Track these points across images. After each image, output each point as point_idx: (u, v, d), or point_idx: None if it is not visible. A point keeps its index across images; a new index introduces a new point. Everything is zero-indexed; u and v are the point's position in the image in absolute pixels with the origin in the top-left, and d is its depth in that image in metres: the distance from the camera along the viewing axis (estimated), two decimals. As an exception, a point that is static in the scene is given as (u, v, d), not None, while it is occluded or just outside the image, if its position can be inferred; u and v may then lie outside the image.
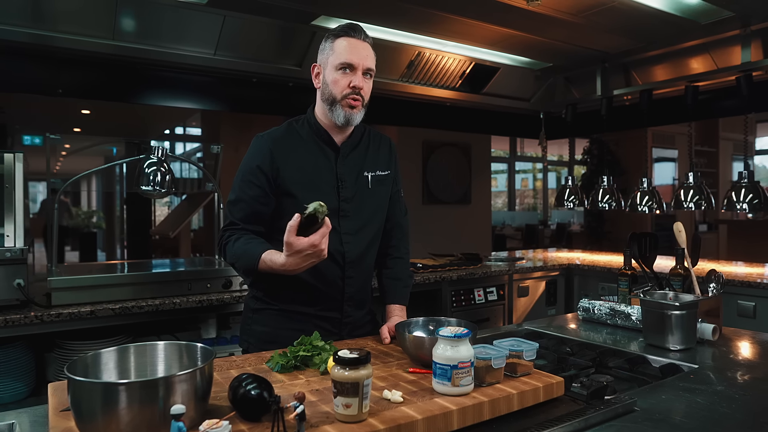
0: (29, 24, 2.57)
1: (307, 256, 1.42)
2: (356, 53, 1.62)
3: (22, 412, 1.21)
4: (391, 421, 1.03)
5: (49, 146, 2.69)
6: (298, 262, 1.43)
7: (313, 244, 1.39)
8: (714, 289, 1.98)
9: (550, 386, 1.24)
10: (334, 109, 1.65)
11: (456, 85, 3.87)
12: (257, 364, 1.44)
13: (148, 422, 0.95)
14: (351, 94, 1.63)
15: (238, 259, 1.60)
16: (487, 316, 3.51)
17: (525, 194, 12.94)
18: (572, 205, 4.20)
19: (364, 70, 1.64)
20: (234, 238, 1.62)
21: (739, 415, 1.22)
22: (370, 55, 1.66)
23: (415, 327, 1.51)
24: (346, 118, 1.65)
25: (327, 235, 1.41)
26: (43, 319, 2.12)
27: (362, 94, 1.64)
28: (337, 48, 1.63)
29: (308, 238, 1.39)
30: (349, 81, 1.62)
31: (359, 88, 1.63)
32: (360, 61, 1.63)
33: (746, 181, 3.23)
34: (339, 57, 1.62)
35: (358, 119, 1.68)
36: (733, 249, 8.05)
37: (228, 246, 1.63)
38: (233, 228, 1.65)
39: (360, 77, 1.63)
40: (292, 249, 1.40)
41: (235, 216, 1.65)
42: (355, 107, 1.65)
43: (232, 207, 1.66)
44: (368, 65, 1.65)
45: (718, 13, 2.93)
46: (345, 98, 1.63)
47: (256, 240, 1.61)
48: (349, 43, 1.63)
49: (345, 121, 1.65)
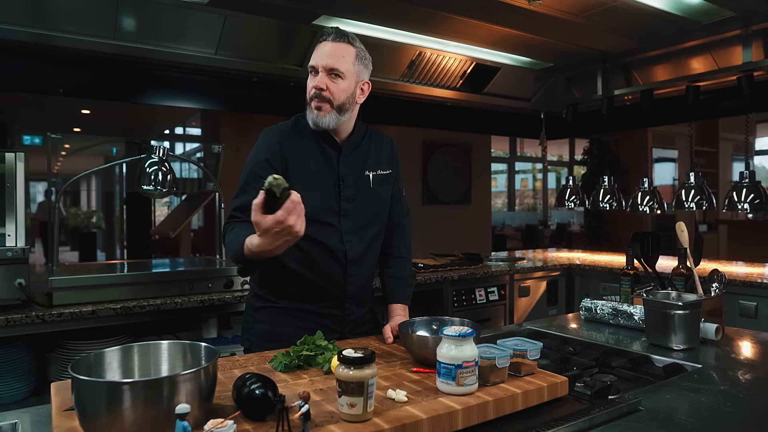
0: (30, 23, 2.57)
1: (276, 234, 1.32)
2: (319, 55, 1.62)
3: (24, 412, 1.20)
4: (395, 421, 1.03)
5: (50, 146, 2.68)
6: (270, 241, 1.34)
7: (278, 221, 1.29)
8: (716, 288, 1.98)
9: (554, 386, 1.23)
10: (308, 112, 1.66)
11: (457, 85, 3.87)
12: (260, 363, 1.44)
13: (152, 422, 0.94)
14: (314, 96, 1.62)
15: (228, 246, 1.58)
16: (489, 316, 3.51)
17: (525, 194, 12.95)
18: (573, 205, 4.20)
19: (327, 70, 1.61)
20: (231, 227, 1.61)
21: (744, 414, 1.21)
22: (335, 54, 1.61)
23: (418, 326, 1.50)
24: (313, 120, 1.65)
25: (295, 211, 1.30)
26: (45, 319, 2.12)
27: (326, 95, 1.61)
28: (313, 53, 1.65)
29: (273, 216, 1.29)
30: (314, 84, 1.62)
31: (318, 88, 1.61)
32: (319, 62, 1.61)
33: (747, 181, 3.23)
34: (310, 61, 1.64)
35: (327, 122, 1.64)
36: (733, 249, 8.05)
37: (226, 236, 1.62)
38: (234, 219, 1.65)
39: (321, 77, 1.61)
40: (260, 228, 1.32)
41: (240, 209, 1.64)
42: (321, 108, 1.62)
43: (237, 199, 1.66)
44: (330, 64, 1.61)
45: (719, 13, 2.93)
46: (311, 101, 1.64)
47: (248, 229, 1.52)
48: (319, 46, 1.64)
49: (313, 124, 1.65)
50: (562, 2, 2.74)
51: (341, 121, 1.67)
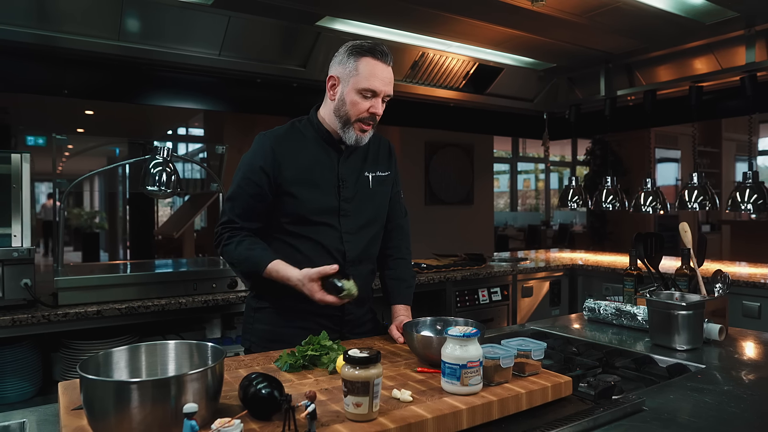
0: (34, 24, 2.58)
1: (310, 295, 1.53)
2: (381, 80, 1.61)
3: (31, 411, 1.21)
4: (401, 420, 1.04)
5: (55, 147, 2.69)
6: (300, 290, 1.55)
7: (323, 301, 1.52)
8: (720, 289, 1.98)
9: (558, 386, 1.24)
10: (347, 129, 1.65)
11: (459, 86, 3.87)
12: (265, 363, 1.45)
13: (160, 421, 0.95)
14: (368, 119, 1.64)
15: (241, 262, 1.65)
16: (492, 317, 3.51)
17: (527, 195, 12.95)
18: (576, 206, 4.20)
19: (384, 96, 1.64)
20: (237, 240, 1.65)
21: (747, 414, 1.22)
22: (392, 81, 1.65)
23: (422, 327, 1.51)
24: (356, 140, 1.66)
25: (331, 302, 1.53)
26: (50, 319, 2.13)
27: (376, 118, 1.66)
28: (362, 70, 1.60)
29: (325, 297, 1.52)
30: (369, 106, 1.62)
31: (378, 114, 1.64)
32: (384, 88, 1.62)
33: (750, 182, 3.23)
34: (363, 81, 1.59)
35: (366, 140, 1.69)
36: (736, 249, 8.05)
37: (229, 247, 1.66)
38: (232, 226, 1.68)
39: (380, 104, 1.63)
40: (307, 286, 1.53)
41: (234, 212, 1.68)
42: (367, 131, 1.66)
43: (231, 203, 1.69)
44: (390, 92, 1.65)
45: (722, 13, 2.93)
46: (360, 121, 1.64)
47: (259, 245, 1.65)
48: (376, 67, 1.60)
49: (355, 142, 1.67)
50: (564, 3, 2.75)
51: None
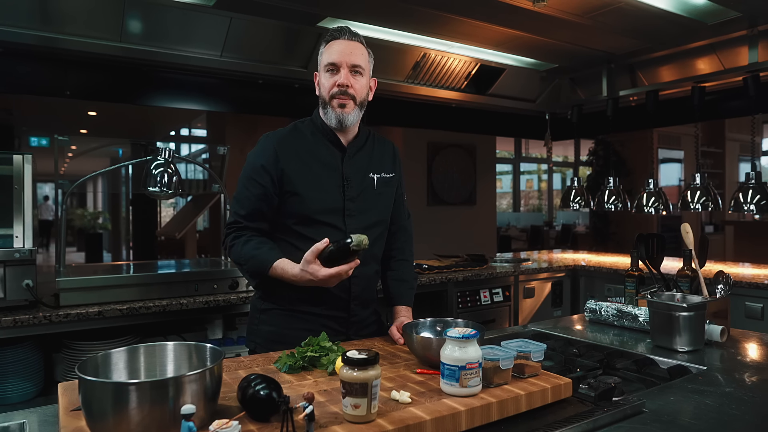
0: (37, 26, 2.59)
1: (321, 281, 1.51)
2: (340, 52, 1.65)
3: (31, 412, 1.21)
4: (399, 422, 1.03)
5: (57, 147, 2.69)
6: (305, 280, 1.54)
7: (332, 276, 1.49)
8: (722, 290, 1.98)
9: (558, 387, 1.24)
10: (327, 111, 1.67)
11: (461, 86, 3.87)
12: (265, 364, 1.45)
13: (158, 422, 0.95)
14: (338, 93, 1.65)
15: (247, 261, 1.65)
16: (493, 318, 3.51)
17: (530, 195, 12.93)
18: (578, 206, 4.19)
19: (350, 67, 1.65)
20: (243, 240, 1.66)
21: (748, 416, 1.21)
22: (355, 52, 1.66)
23: (422, 328, 1.51)
24: (337, 118, 1.66)
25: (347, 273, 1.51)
26: (52, 320, 2.13)
27: (351, 92, 1.65)
28: (325, 51, 1.67)
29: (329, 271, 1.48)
30: (335, 80, 1.64)
31: (344, 85, 1.64)
32: (343, 58, 1.64)
33: (753, 182, 3.22)
34: (325, 59, 1.66)
35: (352, 119, 1.68)
36: (739, 250, 8.02)
37: (235, 247, 1.67)
38: (238, 226, 1.69)
39: (346, 74, 1.64)
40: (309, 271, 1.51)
41: (240, 213, 1.69)
42: (345, 105, 1.65)
43: (237, 204, 1.70)
44: (353, 61, 1.65)
45: (724, 13, 2.92)
46: (333, 98, 1.65)
47: (267, 244, 1.66)
48: (335, 44, 1.66)
49: (337, 122, 1.67)
50: (566, 3, 2.74)
51: (359, 118, 1.71)
